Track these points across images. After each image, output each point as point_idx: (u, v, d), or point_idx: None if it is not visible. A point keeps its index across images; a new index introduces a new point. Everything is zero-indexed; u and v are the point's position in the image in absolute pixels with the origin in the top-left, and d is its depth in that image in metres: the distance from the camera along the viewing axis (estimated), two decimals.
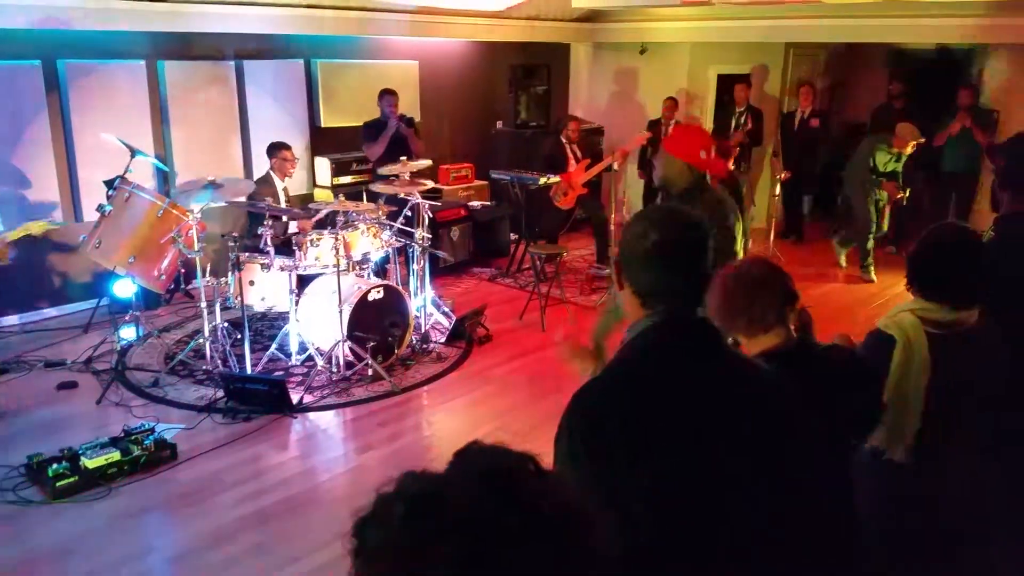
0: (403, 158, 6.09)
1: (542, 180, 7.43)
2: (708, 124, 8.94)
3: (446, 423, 4.78)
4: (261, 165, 6.65)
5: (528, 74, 9.05)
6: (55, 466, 3.85)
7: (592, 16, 9.22)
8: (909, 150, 7.08)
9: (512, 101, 8.95)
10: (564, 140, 7.69)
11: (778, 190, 8.31)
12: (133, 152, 5.39)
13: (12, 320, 6.07)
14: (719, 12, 8.26)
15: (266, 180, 6.01)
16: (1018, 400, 2.34)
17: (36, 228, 5.03)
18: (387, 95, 6.82)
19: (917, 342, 2.12)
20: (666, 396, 1.40)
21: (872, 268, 7.53)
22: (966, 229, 2.32)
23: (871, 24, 7.65)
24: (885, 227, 7.66)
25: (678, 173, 3.12)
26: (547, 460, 1.00)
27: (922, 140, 7.09)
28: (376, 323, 5.15)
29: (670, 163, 3.15)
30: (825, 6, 7.51)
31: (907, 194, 7.38)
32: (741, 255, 3.14)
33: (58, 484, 3.77)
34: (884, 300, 6.81)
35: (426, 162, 6.27)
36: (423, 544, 0.75)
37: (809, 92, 8.48)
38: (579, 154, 7.69)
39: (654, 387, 1.41)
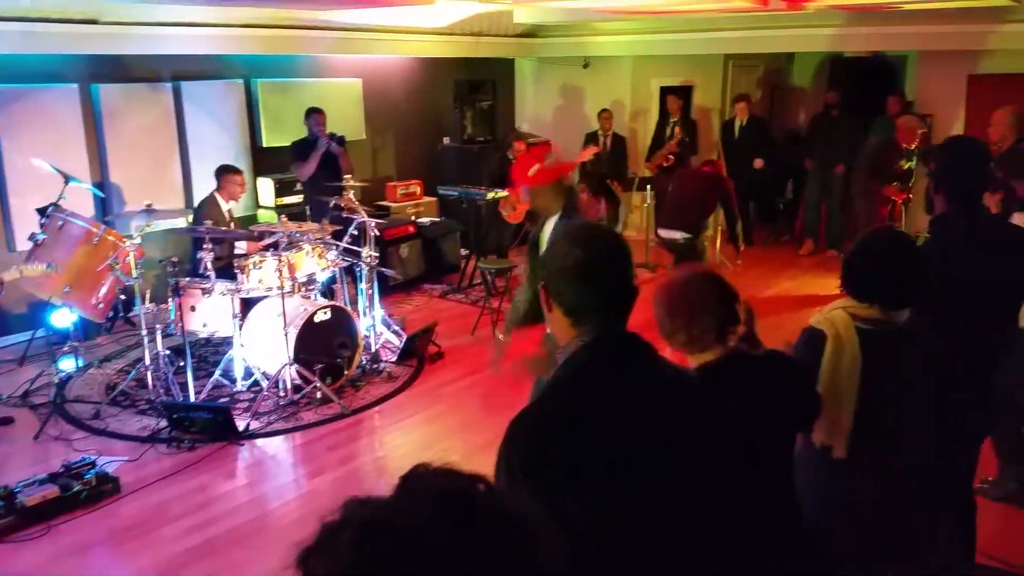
0: (347, 177, 6.05)
1: (490, 195, 7.46)
2: (649, 135, 9.08)
3: (399, 443, 4.74)
4: (202, 188, 6.54)
5: (473, 89, 9.09)
6: None
7: (535, 31, 9.31)
8: (916, 142, 6.91)
9: (458, 116, 8.97)
10: (511, 156, 7.73)
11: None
12: (67, 178, 5.25)
13: None
14: (659, 26, 8.42)
15: (211, 202, 5.92)
16: (947, 397, 2.40)
17: (32, 272, 4.60)
18: (314, 113, 6.78)
19: (848, 338, 2.16)
20: (601, 415, 1.41)
21: None
22: (899, 233, 2.39)
23: (807, 34, 7.86)
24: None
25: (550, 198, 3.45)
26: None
27: (924, 129, 7.01)
28: (324, 345, 5.08)
29: (536, 194, 3.47)
30: (762, 17, 7.69)
31: (909, 194, 7.37)
32: None
33: None
34: (827, 303, 6.95)
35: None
36: (374, 571, 0.73)
37: (745, 107, 8.70)
38: None
39: (589, 407, 1.42)
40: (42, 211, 5.08)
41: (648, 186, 8.25)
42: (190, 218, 6.11)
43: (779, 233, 9.42)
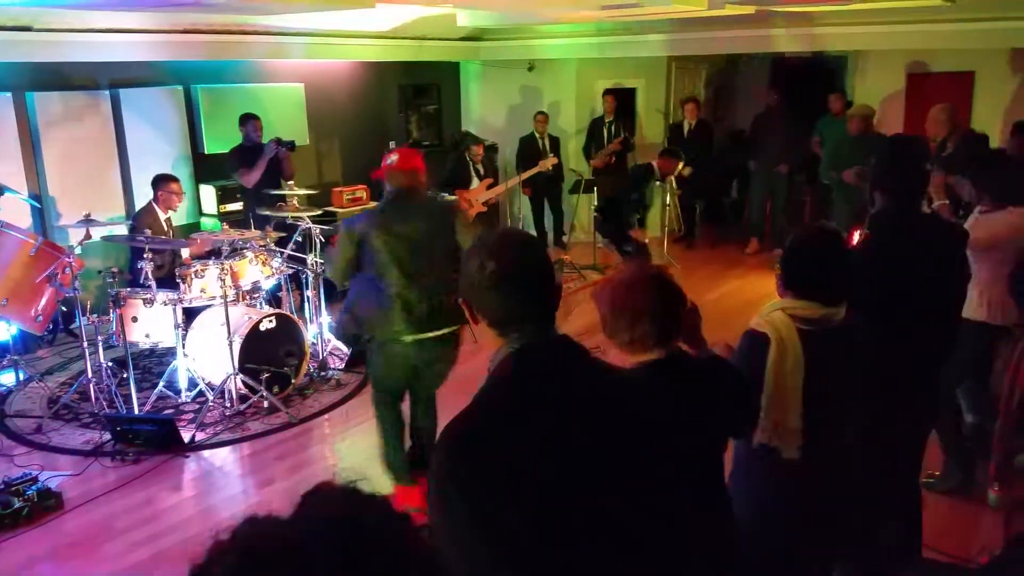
0: (290, 183, 6.05)
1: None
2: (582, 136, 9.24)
3: (348, 450, 4.77)
4: (142, 197, 6.45)
5: (418, 93, 9.12)
6: None
7: (479, 35, 9.37)
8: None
9: (403, 121, 8.99)
10: (468, 159, 7.79)
11: (668, 199, 8.65)
12: (2, 189, 5.16)
13: None
14: (603, 28, 8.55)
15: (148, 211, 5.84)
16: (882, 392, 2.49)
17: None
18: (251, 120, 6.74)
19: (790, 339, 2.18)
20: (530, 421, 1.41)
21: None
22: (829, 229, 2.47)
23: (749, 35, 8.05)
24: None
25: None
26: None
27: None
28: (270, 353, 5.09)
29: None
30: (701, 20, 7.86)
31: None
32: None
33: None
34: (772, 302, 7.12)
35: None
36: None
37: (695, 108, 8.87)
38: (483, 172, 7.81)
39: (517, 414, 1.42)
40: None
41: (594, 188, 8.38)
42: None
43: (726, 232, 9.62)
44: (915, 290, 2.71)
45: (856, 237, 3.09)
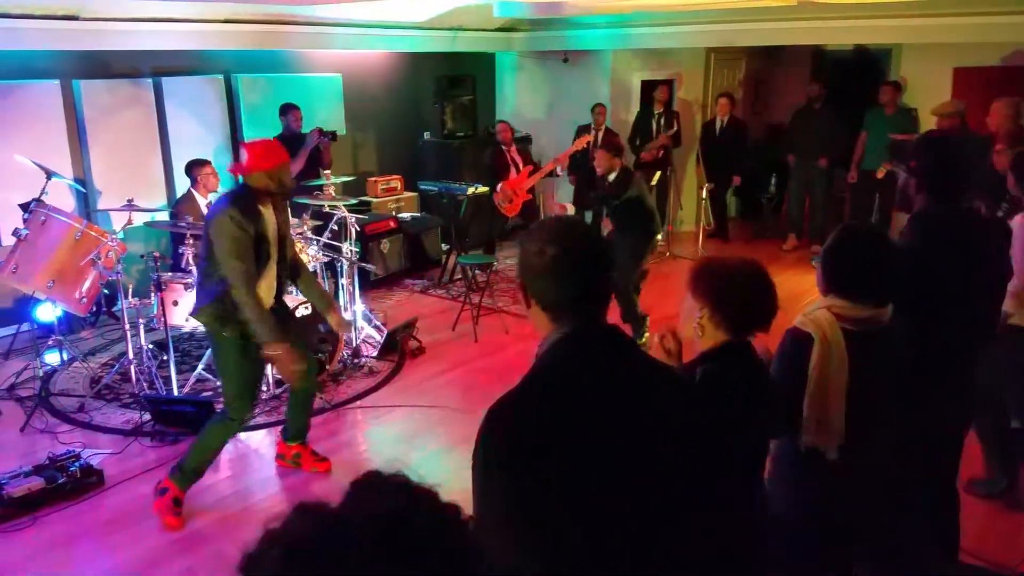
0: (327, 172, 6.12)
1: (470, 190, 7.53)
2: (629, 129, 9.18)
3: (380, 437, 4.83)
4: (183, 183, 6.58)
5: (453, 84, 9.14)
6: None
7: (515, 26, 9.37)
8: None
9: (438, 112, 9.02)
10: (503, 147, 7.81)
11: (704, 194, 8.59)
12: (49, 174, 5.29)
13: None
14: (641, 19, 8.49)
15: (188, 198, 5.95)
16: (923, 395, 2.47)
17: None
18: (292, 109, 6.82)
19: (834, 339, 2.16)
20: (577, 406, 1.43)
21: None
22: (874, 228, 2.43)
23: (788, 27, 7.93)
24: None
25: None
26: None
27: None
28: (305, 339, 5.15)
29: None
30: (742, 11, 7.78)
31: None
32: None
33: None
34: (812, 298, 6.97)
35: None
36: None
37: (727, 104, 8.76)
38: (520, 161, 7.83)
39: (565, 399, 1.44)
40: (24, 206, 5.12)
41: None
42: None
43: (763, 228, 9.52)
44: (955, 290, 2.67)
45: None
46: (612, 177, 5.93)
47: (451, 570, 0.77)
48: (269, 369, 5.04)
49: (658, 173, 8.39)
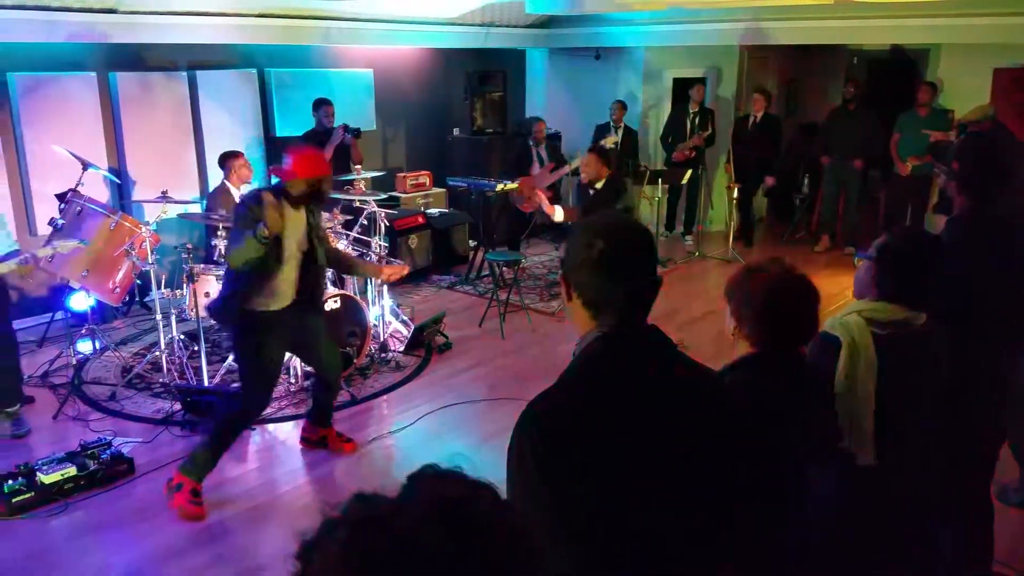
0: (357, 167, 6.15)
1: (499, 186, 7.51)
2: (662, 127, 9.12)
3: (406, 433, 4.84)
4: (216, 176, 6.64)
5: (484, 80, 9.13)
6: (11, 482, 3.84)
7: (546, 22, 9.35)
8: None
9: (468, 108, 9.03)
10: (532, 143, 7.80)
11: (735, 194, 8.51)
12: (85, 165, 5.36)
13: None
14: (674, 16, 8.43)
15: (223, 190, 6.01)
16: (957, 400, 2.42)
17: (64, 248, 4.59)
18: (324, 105, 6.85)
19: (862, 343, 2.13)
20: (617, 406, 1.42)
21: None
22: (925, 232, 2.39)
23: (824, 26, 7.84)
24: None
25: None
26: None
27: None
28: (334, 333, 5.18)
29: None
30: (778, 8, 7.69)
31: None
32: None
33: (14, 500, 3.77)
34: (844, 301, 6.81)
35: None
36: (363, 570, 0.74)
37: (762, 101, 8.67)
38: (545, 157, 7.81)
39: (605, 397, 1.43)
40: (61, 196, 5.20)
41: (659, 179, 8.30)
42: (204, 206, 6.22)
43: (795, 229, 9.42)
44: (993, 294, 2.62)
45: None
46: (599, 186, 5.74)
47: (515, 554, 0.78)
48: (297, 362, 5.08)
49: (689, 172, 8.32)
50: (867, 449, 2.16)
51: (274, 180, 3.89)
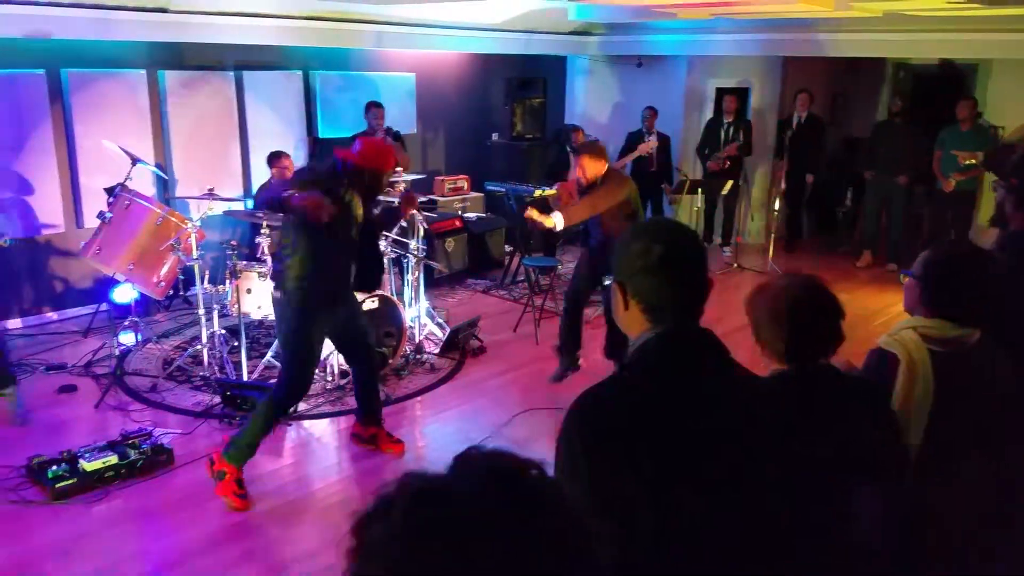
0: (398, 168, 6.18)
1: (537, 192, 7.50)
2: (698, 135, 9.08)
3: (439, 434, 4.86)
4: (259, 175, 6.75)
5: (524, 86, 9.16)
6: (55, 468, 3.93)
7: (589, 29, 9.35)
8: None
9: (508, 113, 9.05)
10: (570, 150, 7.79)
11: (778, 204, 8.41)
12: (134, 160, 5.47)
13: (15, 323, 6.16)
14: (717, 25, 8.38)
15: (267, 187, 6.12)
16: (1012, 419, 2.38)
17: None
18: (373, 107, 6.93)
19: (920, 360, 2.10)
20: (667, 407, 1.44)
21: None
22: (978, 248, 2.36)
23: (871, 39, 7.73)
24: None
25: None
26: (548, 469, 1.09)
27: None
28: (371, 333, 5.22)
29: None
30: (824, 20, 7.60)
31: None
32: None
33: (57, 486, 3.85)
34: (886, 319, 6.79)
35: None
36: (424, 536, 0.75)
37: (806, 100, 8.56)
38: None
39: (656, 398, 1.44)
40: (110, 191, 5.31)
41: (699, 189, 8.25)
42: (249, 203, 6.32)
43: (837, 243, 9.28)
44: None
45: None
46: (599, 181, 5.14)
47: (569, 524, 0.80)
48: (333, 359, 5.12)
49: (729, 183, 8.26)
50: (912, 467, 2.12)
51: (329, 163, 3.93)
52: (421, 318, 5.94)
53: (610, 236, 4.96)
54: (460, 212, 8.28)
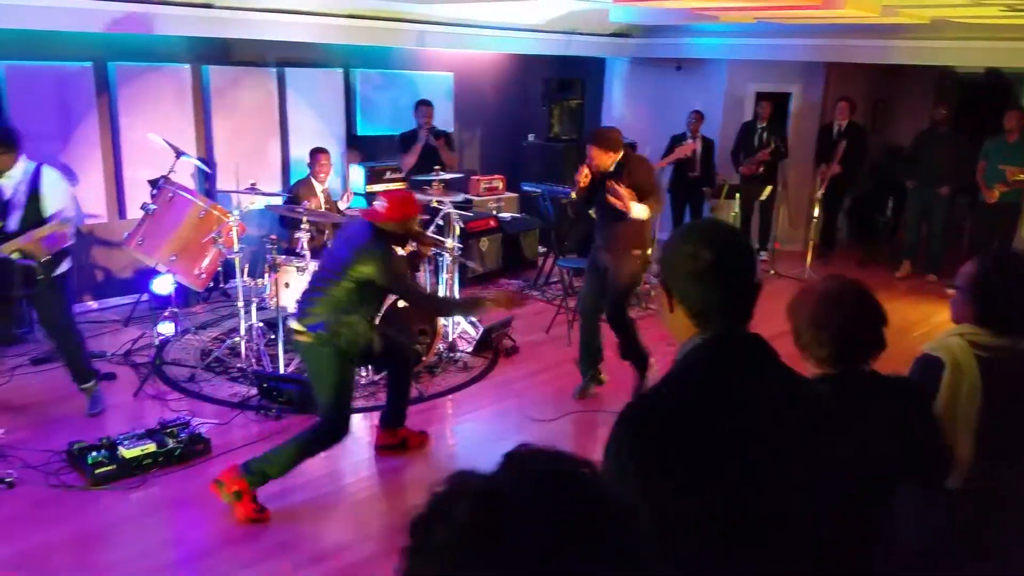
0: (436, 167, 6.23)
1: (574, 193, 7.48)
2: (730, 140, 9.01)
3: (470, 432, 4.86)
4: (299, 170, 6.81)
5: (562, 87, 9.14)
6: (94, 454, 4.00)
7: (629, 31, 9.30)
8: None
9: (545, 114, 9.04)
10: None
11: (816, 211, 8.29)
12: (179, 153, 5.54)
13: None
14: (758, 30, 8.29)
15: (305, 182, 6.19)
16: None
17: (60, 227, 4.29)
18: (421, 106, 6.97)
19: (967, 365, 2.11)
20: (717, 412, 1.42)
21: None
22: (1018, 255, 2.34)
23: (916, 46, 7.59)
24: None
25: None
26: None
27: None
28: (405, 330, 5.24)
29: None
30: (869, 27, 7.48)
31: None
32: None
33: (97, 471, 3.92)
34: (925, 330, 6.67)
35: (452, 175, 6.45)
36: (488, 540, 0.76)
37: (847, 108, 8.44)
38: None
39: (706, 403, 1.43)
40: (154, 183, 5.39)
41: (737, 194, 8.15)
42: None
43: (876, 252, 9.13)
44: None
45: None
46: (613, 169, 4.81)
47: (625, 524, 0.80)
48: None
49: (768, 188, 8.17)
50: (959, 473, 2.11)
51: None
52: (455, 317, 5.96)
53: (620, 237, 4.86)
54: (495, 212, 8.28)
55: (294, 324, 3.89)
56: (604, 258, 4.93)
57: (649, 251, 5.05)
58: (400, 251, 4.07)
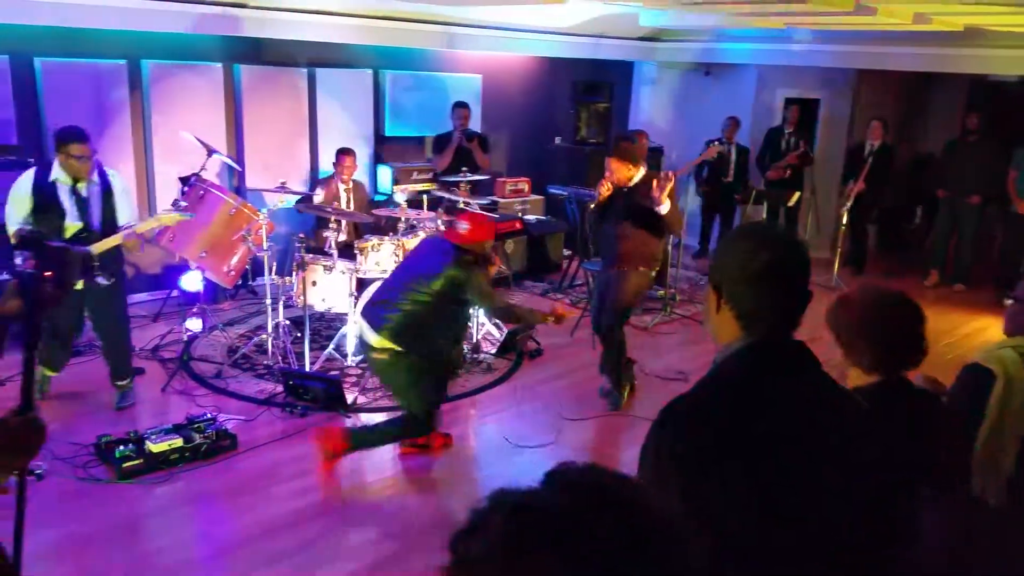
0: (464, 169, 6.24)
1: (592, 204, 7.46)
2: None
3: (493, 434, 4.85)
4: (328, 170, 6.85)
5: (590, 91, 9.12)
6: (122, 448, 4.04)
7: (658, 35, 9.26)
8: None
9: (573, 117, 9.03)
10: None
11: (845, 219, 8.21)
12: (210, 151, 5.59)
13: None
14: (789, 35, 8.22)
15: (328, 179, 6.25)
16: None
17: (168, 219, 4.63)
18: (457, 108, 7.02)
19: (1019, 378, 2.08)
20: (758, 416, 1.41)
21: None
22: None
23: (949, 54, 7.49)
24: None
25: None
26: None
27: None
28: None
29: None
30: (900, 33, 7.39)
31: None
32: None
33: (124, 465, 3.96)
34: (952, 339, 6.61)
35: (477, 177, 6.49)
36: (526, 552, 0.76)
37: (880, 129, 8.32)
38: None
39: (746, 406, 1.41)
40: (185, 180, 5.44)
41: (763, 200, 8.09)
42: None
43: (904, 261, 9.01)
44: None
45: None
46: (633, 183, 4.79)
47: (668, 534, 0.81)
48: None
49: (797, 194, 8.09)
50: (1000, 486, 2.09)
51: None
52: (479, 318, 5.96)
53: (627, 254, 4.91)
54: (520, 214, 8.28)
55: (371, 339, 4.01)
56: (611, 274, 4.97)
57: (654, 272, 5.06)
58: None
